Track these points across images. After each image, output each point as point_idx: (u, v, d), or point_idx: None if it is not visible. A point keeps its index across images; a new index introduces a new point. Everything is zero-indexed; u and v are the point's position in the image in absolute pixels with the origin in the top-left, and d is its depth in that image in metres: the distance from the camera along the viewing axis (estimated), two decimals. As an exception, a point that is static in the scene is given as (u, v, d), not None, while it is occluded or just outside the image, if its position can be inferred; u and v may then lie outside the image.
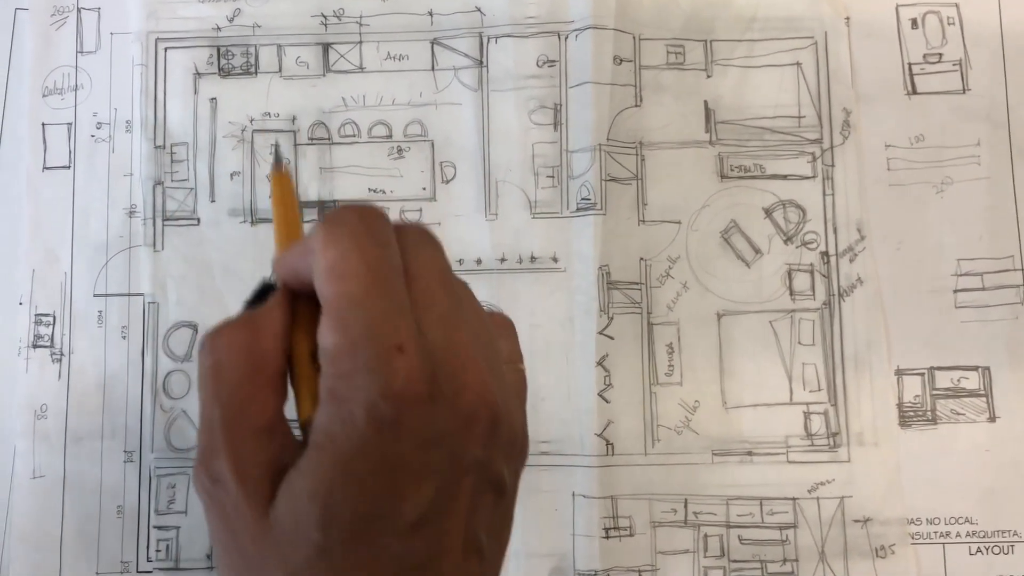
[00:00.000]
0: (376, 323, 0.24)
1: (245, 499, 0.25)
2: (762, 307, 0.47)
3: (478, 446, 0.25)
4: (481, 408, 0.25)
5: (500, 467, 0.26)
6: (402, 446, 0.24)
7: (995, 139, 0.47)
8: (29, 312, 0.47)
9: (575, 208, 0.47)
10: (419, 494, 0.24)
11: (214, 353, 0.26)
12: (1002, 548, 0.45)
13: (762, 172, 0.47)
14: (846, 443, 0.45)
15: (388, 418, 0.24)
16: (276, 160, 0.32)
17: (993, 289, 0.47)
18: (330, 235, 0.25)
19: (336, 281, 0.24)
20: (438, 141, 0.48)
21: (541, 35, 0.48)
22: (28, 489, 0.45)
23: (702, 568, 0.45)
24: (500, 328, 0.30)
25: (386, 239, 0.26)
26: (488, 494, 0.26)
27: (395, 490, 0.24)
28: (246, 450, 0.25)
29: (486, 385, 0.25)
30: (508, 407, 0.26)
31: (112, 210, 0.48)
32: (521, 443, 0.28)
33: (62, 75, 0.48)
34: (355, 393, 0.24)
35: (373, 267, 0.24)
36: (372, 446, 0.24)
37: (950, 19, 0.48)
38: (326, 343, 0.24)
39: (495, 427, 0.26)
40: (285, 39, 0.48)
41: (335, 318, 0.24)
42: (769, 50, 0.48)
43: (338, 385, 0.24)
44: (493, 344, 0.28)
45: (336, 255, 0.24)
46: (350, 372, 0.24)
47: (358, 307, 0.24)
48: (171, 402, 0.46)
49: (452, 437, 0.25)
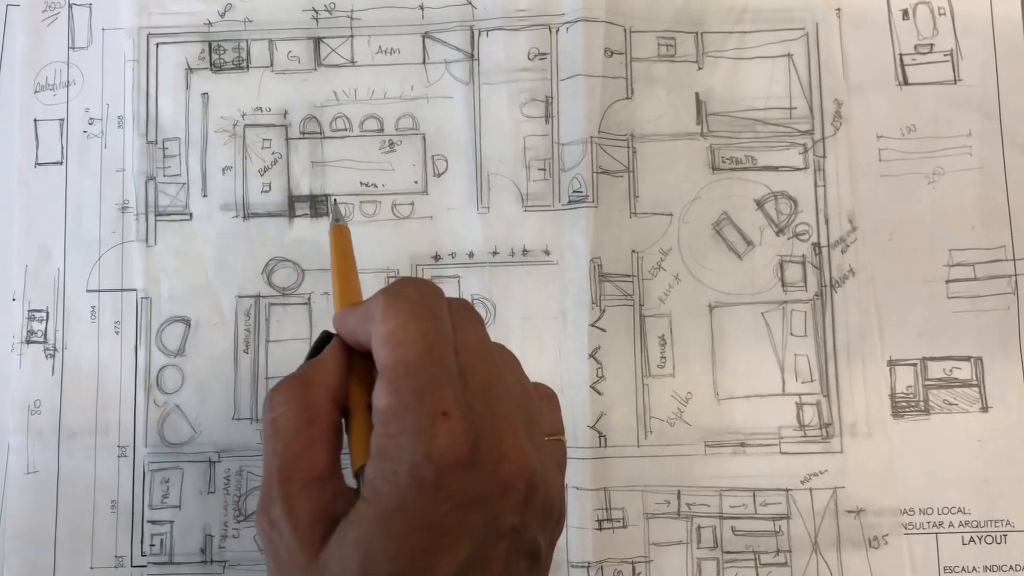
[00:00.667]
0: (426, 390, 0.26)
1: (297, 543, 0.26)
2: (754, 298, 0.47)
3: (514, 513, 0.27)
4: (519, 476, 0.27)
5: (535, 534, 0.28)
6: (441, 508, 0.25)
7: (986, 129, 0.47)
8: (22, 308, 0.47)
9: (567, 201, 0.47)
10: (454, 554, 0.25)
11: (273, 409, 0.28)
12: (995, 538, 0.45)
13: (754, 164, 0.47)
14: (839, 434, 0.45)
15: (429, 480, 0.25)
16: (335, 217, 0.34)
17: (985, 279, 0.47)
18: (390, 307, 0.27)
19: (393, 348, 0.27)
20: (430, 134, 0.48)
21: (532, 28, 0.48)
22: (22, 485, 0.46)
23: (695, 559, 0.45)
24: (543, 399, 0.31)
25: (440, 312, 0.28)
26: (523, 561, 0.28)
27: (432, 549, 0.25)
28: (298, 499, 0.27)
29: (524, 454, 0.27)
30: (545, 476, 0.28)
31: (104, 205, 0.48)
32: (558, 512, 0.29)
33: (54, 71, 0.49)
34: (400, 453, 0.26)
35: (428, 338, 0.27)
36: (412, 505, 0.25)
37: (941, 10, 0.48)
38: (379, 404, 0.27)
39: (531, 495, 0.27)
40: (276, 34, 0.48)
41: (389, 381, 0.27)
42: (760, 41, 0.48)
43: (387, 444, 0.26)
44: (534, 414, 0.29)
45: (395, 325, 0.27)
46: (397, 433, 0.26)
47: (411, 374, 0.26)
48: (164, 397, 0.46)
49: (489, 503, 0.26)
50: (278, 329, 0.46)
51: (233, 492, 0.45)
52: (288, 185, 0.47)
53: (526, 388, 0.30)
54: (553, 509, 0.29)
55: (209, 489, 0.45)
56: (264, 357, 0.46)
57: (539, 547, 0.28)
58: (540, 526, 0.28)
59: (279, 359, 0.46)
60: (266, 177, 0.47)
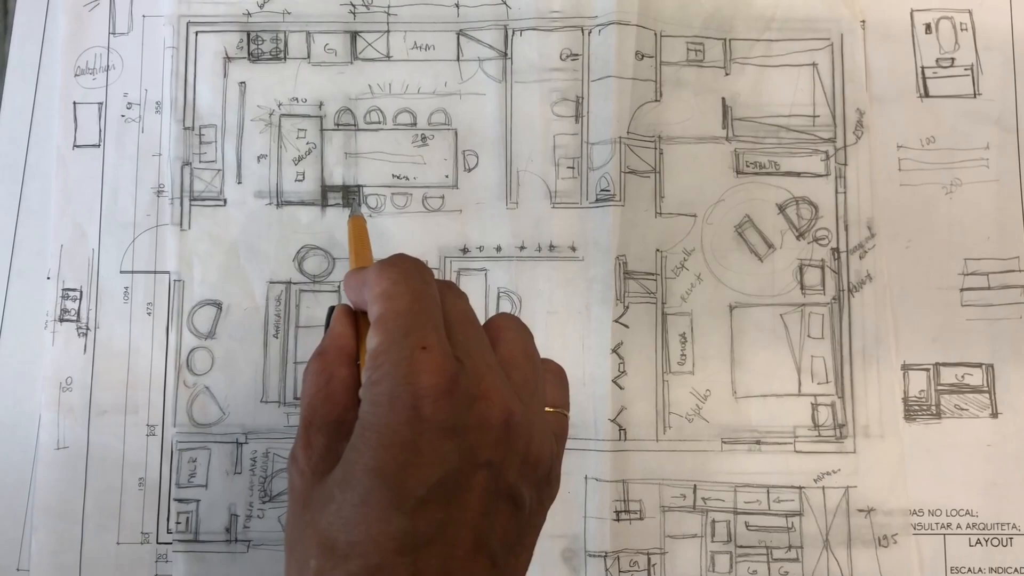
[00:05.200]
0: (411, 329, 0.29)
1: (310, 470, 0.29)
2: (773, 300, 0.48)
3: (490, 449, 0.28)
4: (495, 415, 0.29)
5: (515, 480, 0.29)
6: (416, 428, 0.27)
7: (1004, 143, 0.49)
8: (56, 286, 0.48)
9: (594, 199, 0.48)
10: (426, 474, 0.27)
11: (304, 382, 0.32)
12: (1001, 540, 0.46)
13: (777, 169, 0.49)
14: (852, 435, 0.47)
15: (406, 402, 0.27)
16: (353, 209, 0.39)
17: (999, 289, 0.48)
18: (383, 270, 0.30)
19: (384, 301, 0.30)
20: (461, 130, 0.49)
21: (565, 29, 0.49)
22: (52, 460, 0.46)
23: (709, 552, 0.46)
24: (552, 375, 0.33)
25: (428, 279, 0.31)
26: (503, 503, 0.29)
27: (404, 465, 0.27)
28: (315, 436, 0.30)
29: (503, 396, 0.29)
30: (531, 429, 0.30)
31: (140, 189, 0.49)
32: (546, 470, 0.31)
33: (94, 55, 0.49)
34: (383, 379, 0.28)
35: (415, 292, 0.30)
36: (389, 423, 0.28)
37: (963, 25, 0.50)
38: (371, 345, 0.29)
39: (510, 437, 0.29)
40: (314, 26, 0.49)
41: (379, 325, 0.29)
42: (786, 50, 0.49)
43: (373, 375, 0.29)
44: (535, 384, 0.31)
45: (388, 283, 0.30)
46: (383, 364, 0.28)
47: (399, 318, 0.29)
48: (194, 378, 0.47)
49: (465, 433, 0.28)
50: (308, 315, 0.47)
51: (259, 473, 0.46)
52: (321, 175, 0.48)
53: (532, 359, 0.32)
54: (540, 463, 0.30)
55: (236, 470, 0.46)
56: (293, 342, 0.47)
57: (521, 494, 0.29)
58: (522, 474, 0.29)
59: (308, 344, 0.47)
60: (300, 166, 0.48)
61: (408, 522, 0.27)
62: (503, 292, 0.47)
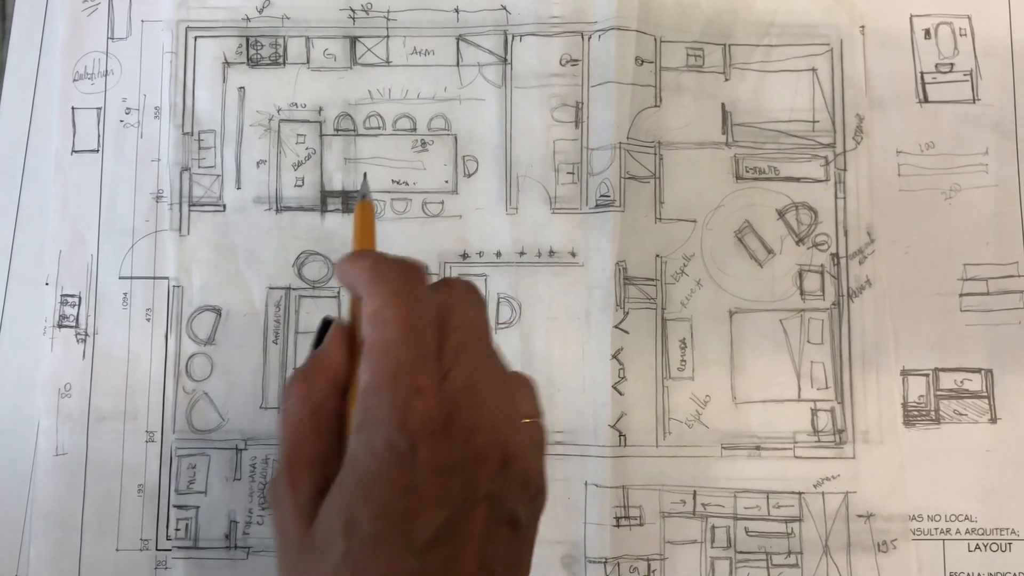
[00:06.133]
0: (401, 368, 0.28)
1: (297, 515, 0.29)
2: (773, 306, 0.48)
3: (490, 480, 0.28)
4: (492, 447, 0.28)
5: (513, 503, 0.29)
6: (417, 474, 0.27)
7: (1003, 148, 0.49)
8: (55, 292, 0.48)
9: (594, 204, 0.48)
10: (432, 517, 0.27)
11: (285, 401, 0.31)
12: (1000, 546, 0.46)
13: (776, 174, 0.49)
14: (852, 440, 0.47)
15: (404, 448, 0.27)
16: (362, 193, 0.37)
17: (998, 294, 0.48)
18: (374, 286, 0.29)
19: (374, 328, 0.29)
20: (461, 135, 0.49)
21: (565, 34, 0.49)
22: (51, 466, 0.46)
23: (709, 558, 0.46)
24: (519, 385, 0.33)
25: (421, 294, 0.30)
26: (503, 528, 0.29)
27: (409, 511, 0.27)
28: (301, 478, 0.29)
29: (498, 427, 0.29)
30: (521, 451, 0.30)
31: (139, 194, 0.48)
32: (536, 485, 0.31)
33: (93, 60, 0.49)
34: (377, 425, 0.28)
35: (406, 319, 0.29)
36: (389, 471, 0.27)
37: (962, 30, 0.50)
38: (362, 381, 0.29)
39: (506, 465, 0.29)
40: (313, 31, 0.49)
41: (370, 358, 0.29)
42: (786, 55, 0.49)
43: (365, 418, 0.28)
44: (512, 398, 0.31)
45: (378, 305, 0.29)
46: (375, 407, 0.28)
47: (389, 352, 0.28)
48: (193, 384, 0.47)
49: (465, 470, 0.28)
50: (307, 321, 0.47)
51: (259, 480, 0.46)
52: (321, 180, 0.48)
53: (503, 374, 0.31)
54: (531, 482, 0.30)
55: (235, 476, 0.46)
56: (293, 348, 0.47)
57: (518, 516, 0.29)
58: (518, 497, 0.29)
59: (307, 351, 0.47)
60: (299, 172, 0.48)
61: (417, 562, 0.27)
62: (503, 298, 0.47)
